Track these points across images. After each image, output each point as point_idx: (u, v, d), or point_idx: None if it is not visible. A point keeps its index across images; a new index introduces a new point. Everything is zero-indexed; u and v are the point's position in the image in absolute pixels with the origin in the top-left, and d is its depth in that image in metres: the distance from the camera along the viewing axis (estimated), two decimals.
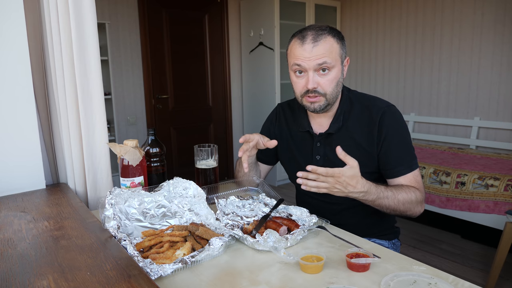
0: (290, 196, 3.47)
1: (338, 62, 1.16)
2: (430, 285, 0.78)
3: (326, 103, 1.18)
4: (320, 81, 1.15)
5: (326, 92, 1.16)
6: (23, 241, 0.87)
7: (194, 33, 4.15)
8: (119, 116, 3.78)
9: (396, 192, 1.11)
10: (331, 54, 1.13)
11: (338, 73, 1.16)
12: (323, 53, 1.12)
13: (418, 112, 3.93)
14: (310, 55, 1.12)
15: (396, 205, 1.11)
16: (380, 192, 1.08)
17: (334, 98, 1.19)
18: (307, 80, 1.15)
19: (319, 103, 1.17)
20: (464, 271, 2.39)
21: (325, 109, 1.20)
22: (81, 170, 1.32)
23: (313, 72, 1.14)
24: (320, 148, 1.26)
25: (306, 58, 1.13)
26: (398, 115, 1.21)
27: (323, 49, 1.12)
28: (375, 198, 1.07)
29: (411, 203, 1.12)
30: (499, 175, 2.52)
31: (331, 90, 1.16)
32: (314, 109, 1.18)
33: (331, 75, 1.15)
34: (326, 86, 1.15)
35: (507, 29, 3.21)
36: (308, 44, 1.12)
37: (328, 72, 1.14)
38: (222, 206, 1.15)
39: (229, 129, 4.56)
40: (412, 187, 1.15)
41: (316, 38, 1.12)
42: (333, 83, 1.16)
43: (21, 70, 1.27)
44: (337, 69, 1.15)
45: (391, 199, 1.10)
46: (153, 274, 0.80)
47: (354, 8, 4.40)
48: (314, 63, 1.12)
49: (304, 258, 0.86)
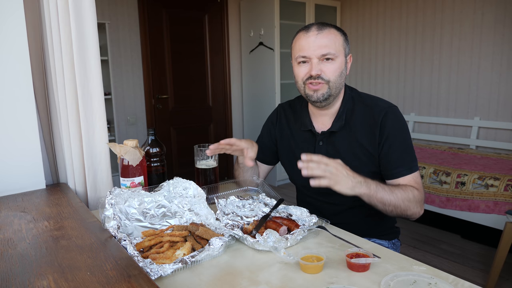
0: (290, 196, 3.47)
1: (341, 54, 1.18)
2: (430, 285, 0.78)
3: (329, 92, 1.18)
4: (323, 68, 1.16)
5: (329, 79, 1.17)
6: (23, 241, 0.87)
7: (194, 33, 4.15)
8: (119, 116, 3.78)
9: (393, 189, 1.10)
10: (335, 44, 1.16)
11: (342, 65, 1.18)
12: (327, 43, 1.15)
13: (418, 112, 3.93)
14: (314, 43, 1.15)
15: (395, 200, 1.09)
16: (378, 185, 1.07)
17: (337, 89, 1.19)
18: (310, 67, 1.17)
19: (322, 91, 1.18)
20: (464, 271, 2.39)
21: (327, 101, 1.20)
22: (81, 170, 1.32)
23: (317, 60, 1.16)
24: (323, 146, 1.26)
25: (311, 46, 1.15)
26: (400, 116, 1.21)
27: (326, 39, 1.15)
28: (374, 187, 1.05)
29: (409, 200, 1.11)
30: (499, 175, 2.52)
31: (335, 78, 1.17)
32: (317, 98, 1.18)
33: (335, 64, 1.17)
34: (329, 73, 1.16)
35: (507, 29, 3.21)
36: (312, 32, 1.16)
37: (331, 61, 1.16)
38: (222, 206, 1.15)
39: (229, 129, 4.56)
40: (410, 186, 1.14)
41: (321, 28, 1.16)
42: (336, 72, 1.17)
43: (21, 70, 1.27)
44: (340, 59, 1.17)
45: (389, 192, 1.08)
46: (153, 274, 0.80)
47: (354, 8, 4.40)
48: (318, 52, 1.15)
49: (304, 258, 0.86)
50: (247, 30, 4.33)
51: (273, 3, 3.93)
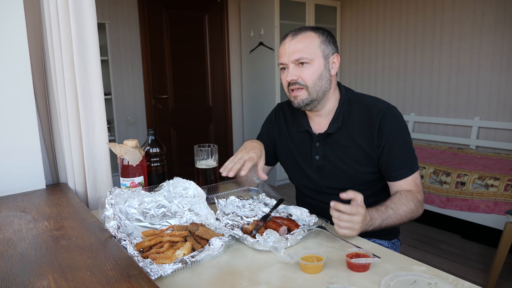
0: (290, 196, 3.47)
1: (318, 56, 1.17)
2: (430, 285, 0.78)
3: (309, 97, 1.18)
4: (299, 73, 1.17)
5: (307, 84, 1.17)
6: (23, 241, 0.87)
7: (194, 33, 4.15)
8: (119, 116, 3.78)
9: (396, 209, 1.11)
10: (309, 47, 1.16)
11: (320, 67, 1.18)
12: (300, 47, 1.15)
13: (418, 112, 3.93)
14: (288, 49, 1.17)
15: (400, 220, 1.12)
16: (382, 214, 1.08)
17: (319, 93, 1.19)
18: (287, 73, 1.19)
19: (301, 97, 1.18)
20: (464, 271, 2.39)
21: (311, 105, 1.20)
22: (81, 170, 1.32)
23: (293, 66, 1.17)
24: (319, 148, 1.26)
25: (286, 52, 1.17)
26: (399, 116, 1.21)
27: (300, 43, 1.16)
28: (380, 222, 1.07)
29: (411, 212, 1.13)
30: (499, 175, 2.52)
31: (312, 82, 1.17)
32: (298, 104, 1.20)
33: (311, 68, 1.17)
34: (306, 78, 1.17)
35: (507, 29, 3.21)
36: (288, 39, 1.18)
37: (307, 65, 1.17)
38: (222, 206, 1.15)
39: (229, 129, 4.56)
40: (410, 193, 1.15)
41: (295, 34, 1.18)
42: (314, 76, 1.17)
43: (21, 70, 1.27)
44: (317, 62, 1.17)
45: (394, 218, 1.10)
46: (153, 274, 0.80)
47: (354, 8, 4.40)
48: (292, 57, 1.16)
49: (304, 258, 0.86)
50: (247, 30, 4.33)
51: (273, 3, 3.93)
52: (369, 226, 1.04)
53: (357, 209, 0.98)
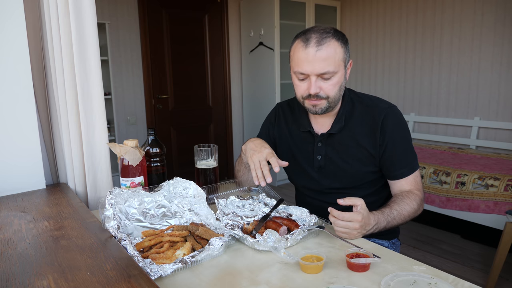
0: (290, 196, 3.47)
1: (341, 67, 1.13)
2: (430, 285, 0.78)
3: (327, 105, 1.17)
4: (322, 86, 1.13)
5: (328, 95, 1.15)
6: (23, 241, 0.87)
7: (194, 33, 4.15)
8: (119, 116, 3.78)
9: (400, 210, 1.12)
10: (334, 60, 1.10)
11: (341, 78, 1.15)
12: (326, 61, 1.09)
13: (418, 112, 3.93)
14: (313, 60, 1.09)
15: (403, 221, 1.14)
16: (387, 216, 1.09)
17: (336, 101, 1.19)
18: (309, 85, 1.13)
19: (320, 106, 1.16)
20: (464, 271, 2.39)
21: (327, 111, 1.20)
22: (81, 170, 1.32)
23: (315, 77, 1.12)
24: (322, 148, 1.26)
25: (309, 63, 1.09)
26: (400, 115, 1.22)
27: (326, 55, 1.08)
28: (385, 224, 1.09)
29: (415, 212, 1.16)
30: (499, 175, 2.52)
31: (334, 94, 1.15)
32: (316, 111, 1.18)
33: (334, 80, 1.13)
34: (329, 91, 1.14)
35: (507, 29, 3.21)
36: (311, 48, 1.09)
37: (331, 78, 1.12)
38: (222, 206, 1.15)
39: (229, 129, 4.56)
40: (412, 194, 1.17)
41: (320, 41, 1.09)
42: (336, 87, 1.14)
43: (21, 70, 1.27)
44: (340, 74, 1.14)
45: (398, 219, 1.12)
46: (153, 274, 0.80)
47: (354, 8, 4.40)
48: (316, 70, 1.10)
49: (304, 258, 0.86)
50: (247, 30, 4.33)
51: (273, 3, 3.93)
52: (375, 230, 1.06)
53: (351, 216, 0.99)
